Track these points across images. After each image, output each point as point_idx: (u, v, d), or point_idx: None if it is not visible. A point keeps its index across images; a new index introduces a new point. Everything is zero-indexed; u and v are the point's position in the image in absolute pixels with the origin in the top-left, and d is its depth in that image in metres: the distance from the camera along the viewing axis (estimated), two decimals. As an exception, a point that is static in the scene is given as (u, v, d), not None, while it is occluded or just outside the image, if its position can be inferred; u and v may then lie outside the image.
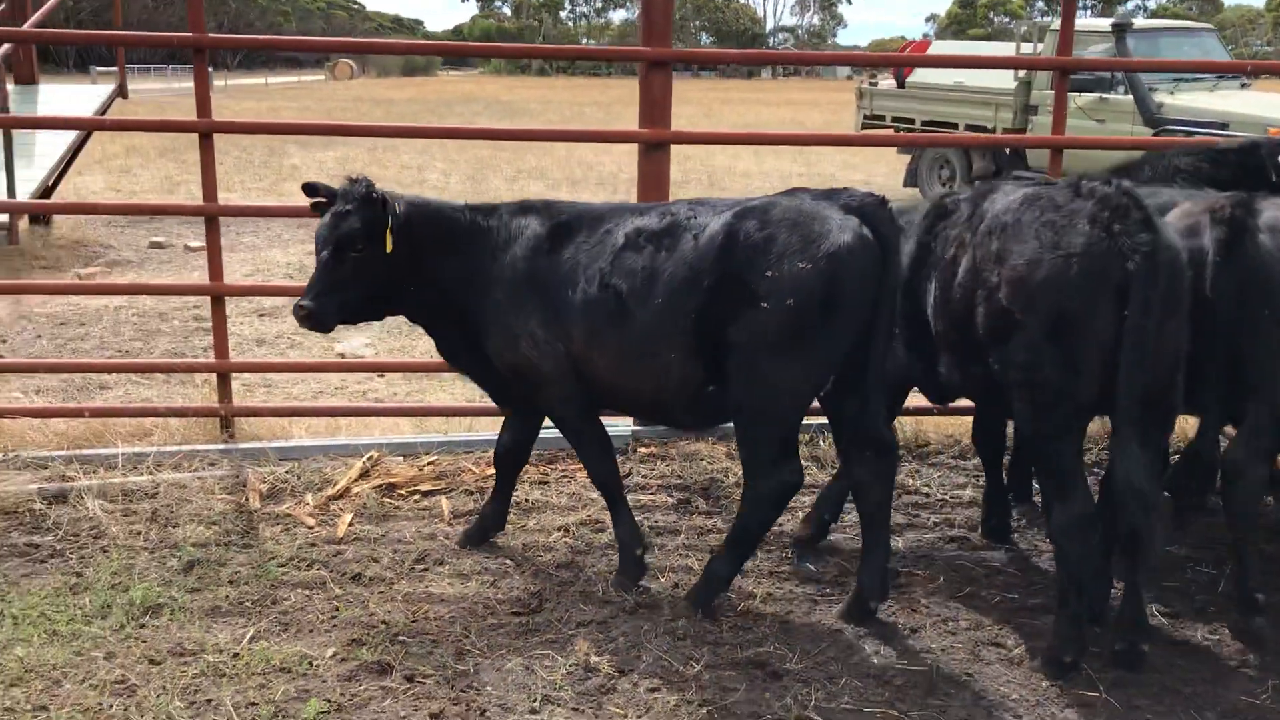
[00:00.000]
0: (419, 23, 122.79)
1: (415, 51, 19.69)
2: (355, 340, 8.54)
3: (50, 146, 10.72)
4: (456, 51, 45.85)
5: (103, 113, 11.59)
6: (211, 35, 5.35)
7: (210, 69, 5.51)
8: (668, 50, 5.53)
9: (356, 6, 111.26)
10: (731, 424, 4.16)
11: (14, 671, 3.69)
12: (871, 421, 3.97)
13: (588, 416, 4.39)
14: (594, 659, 3.84)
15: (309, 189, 4.36)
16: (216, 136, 5.55)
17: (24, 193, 9.50)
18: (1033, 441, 3.87)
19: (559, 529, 4.96)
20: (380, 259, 4.18)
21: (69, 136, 10.78)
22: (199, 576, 4.43)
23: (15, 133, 9.53)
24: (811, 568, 4.63)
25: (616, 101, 43.97)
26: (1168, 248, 3.49)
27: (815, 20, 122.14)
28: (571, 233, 4.21)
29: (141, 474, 5.40)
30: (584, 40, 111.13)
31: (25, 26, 10.41)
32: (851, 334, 3.83)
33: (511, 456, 4.78)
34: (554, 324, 4.15)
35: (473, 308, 4.32)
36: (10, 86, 10.05)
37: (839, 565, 4.66)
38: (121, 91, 12.07)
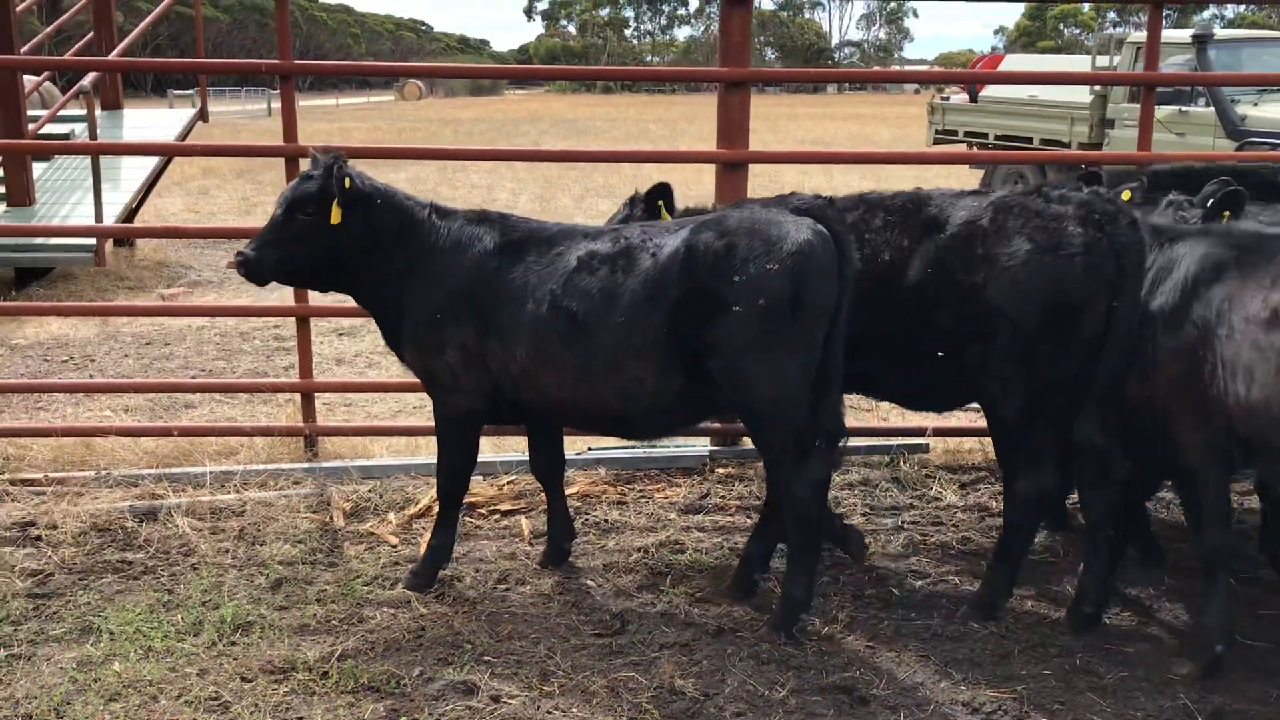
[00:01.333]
0: (485, 43, 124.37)
1: (497, 75, 19.91)
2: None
3: (135, 170, 11.02)
4: (536, 75, 46.46)
5: (184, 136, 11.88)
6: (297, 62, 5.47)
7: (278, 90, 5.63)
8: (746, 70, 5.54)
9: (424, 28, 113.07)
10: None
11: (113, 686, 3.78)
12: (831, 414, 4.11)
13: (475, 433, 4.54)
14: (678, 682, 3.83)
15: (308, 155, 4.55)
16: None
17: (110, 216, 9.76)
18: (1017, 423, 4.14)
19: (638, 550, 4.96)
20: (326, 228, 4.30)
21: (153, 160, 11.07)
22: (286, 594, 4.50)
23: (103, 158, 9.81)
24: None
25: (680, 118, 44.15)
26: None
27: (881, 34, 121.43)
28: (521, 251, 4.28)
29: (229, 492, 5.51)
30: (649, 58, 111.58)
31: (112, 55, 10.73)
32: (822, 328, 3.97)
33: (545, 467, 4.82)
34: (491, 339, 4.22)
35: (408, 299, 4.38)
36: (98, 112, 10.33)
37: (926, 590, 4.60)
38: (203, 115, 12.37)
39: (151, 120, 13.22)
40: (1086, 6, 79.64)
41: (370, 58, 79.38)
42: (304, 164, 5.08)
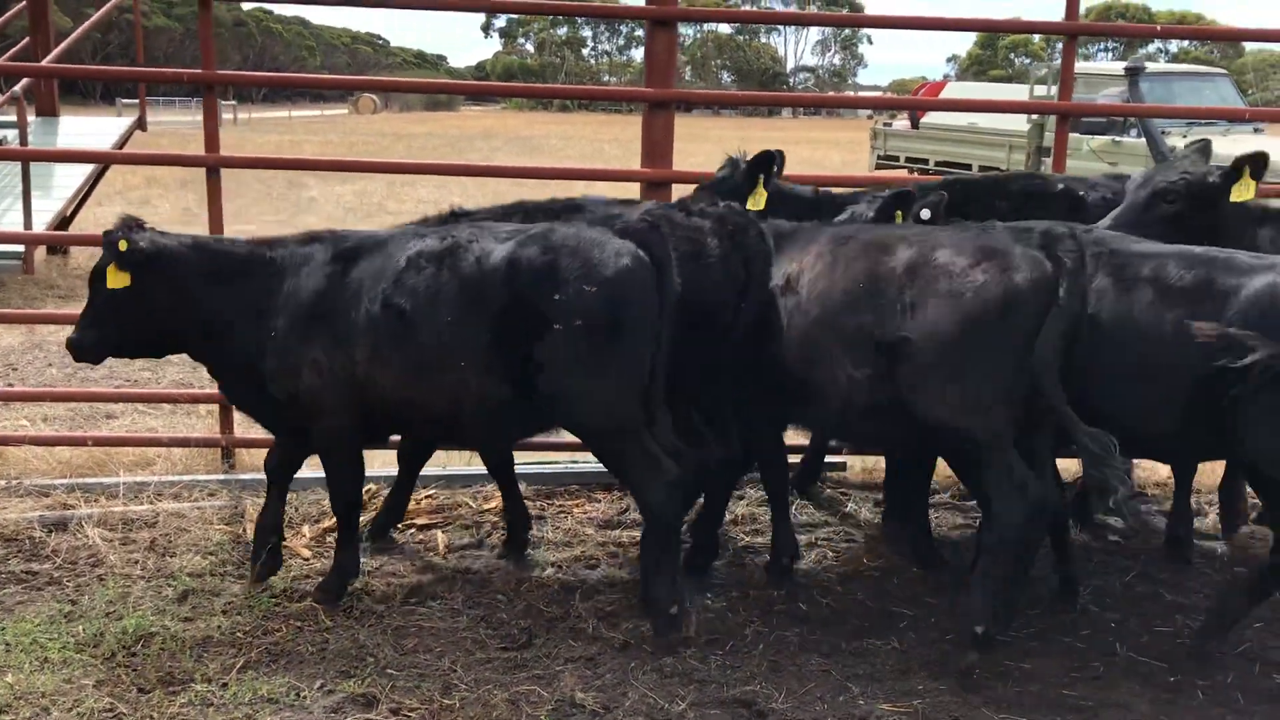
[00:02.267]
0: (442, 58, 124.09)
1: (432, 90, 19.91)
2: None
3: (68, 178, 10.90)
4: (467, 90, 46.16)
5: (121, 145, 11.77)
6: (220, 72, 5.46)
7: (235, 102, 5.62)
8: (669, 91, 5.61)
9: (381, 42, 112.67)
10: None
11: (3, 698, 3.72)
12: (662, 435, 4.18)
13: (354, 449, 4.48)
14: (579, 695, 3.85)
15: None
16: (238, 170, 5.66)
17: (40, 223, 9.64)
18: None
19: (552, 564, 4.97)
20: (129, 296, 4.27)
21: (88, 168, 10.96)
22: (193, 606, 4.46)
23: (34, 164, 9.69)
24: None
25: (636, 139, 44.19)
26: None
27: (836, 60, 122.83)
28: (356, 258, 4.29)
29: (142, 503, 5.45)
30: (606, 77, 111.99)
31: (46, 61, 10.63)
32: (646, 350, 4.04)
33: (284, 470, 4.78)
34: (337, 348, 4.21)
35: (249, 338, 4.32)
36: (31, 118, 10.21)
37: (832, 605, 4.64)
38: (141, 124, 12.25)
39: (87, 128, 13.08)
40: (1037, 37, 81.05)
41: (326, 71, 78.78)
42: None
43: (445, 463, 6.06)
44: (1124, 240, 4.28)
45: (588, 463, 6.00)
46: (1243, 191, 4.67)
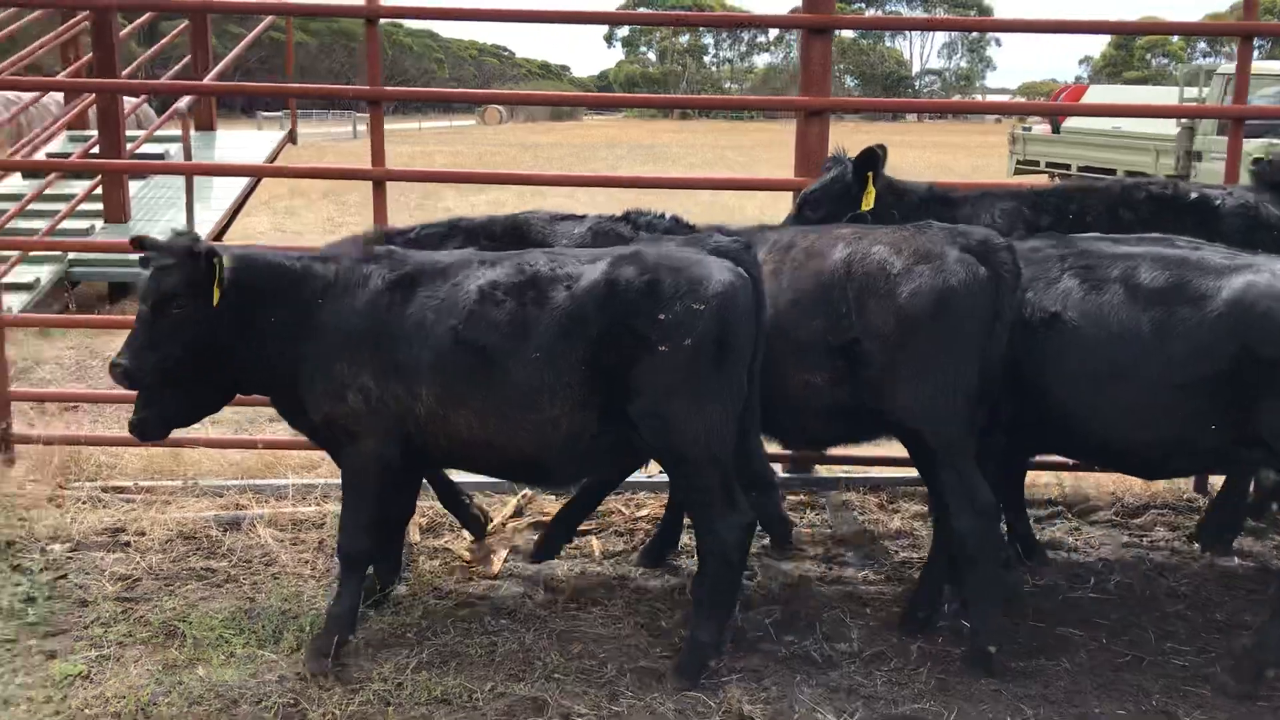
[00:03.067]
0: (565, 69, 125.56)
1: (592, 103, 20.17)
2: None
3: (226, 190, 11.36)
4: (634, 103, 46.50)
5: (274, 158, 12.23)
6: (387, 88, 5.63)
7: (368, 114, 5.80)
8: (825, 100, 5.57)
9: (506, 53, 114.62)
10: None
11: (196, 690, 3.89)
12: (752, 458, 4.08)
13: (384, 482, 4.17)
14: (746, 707, 3.84)
15: (136, 243, 4.24)
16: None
17: (201, 233, 10.05)
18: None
19: (709, 574, 4.98)
20: (205, 315, 4.02)
21: (243, 181, 11.40)
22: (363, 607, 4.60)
23: (195, 176, 10.14)
24: None
25: (757, 145, 44.10)
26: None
27: (963, 63, 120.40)
28: (414, 285, 4.05)
29: (309, 505, 5.65)
30: (728, 85, 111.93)
31: (208, 79, 11.11)
32: (744, 372, 3.90)
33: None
34: (392, 380, 3.97)
35: (297, 354, 4.09)
36: (192, 133, 10.67)
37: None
38: (291, 137, 12.72)
39: (242, 142, 13.62)
40: (1175, 37, 78.18)
41: (453, 83, 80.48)
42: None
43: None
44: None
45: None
46: None
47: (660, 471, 5.95)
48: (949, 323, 3.98)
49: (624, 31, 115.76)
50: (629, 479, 5.83)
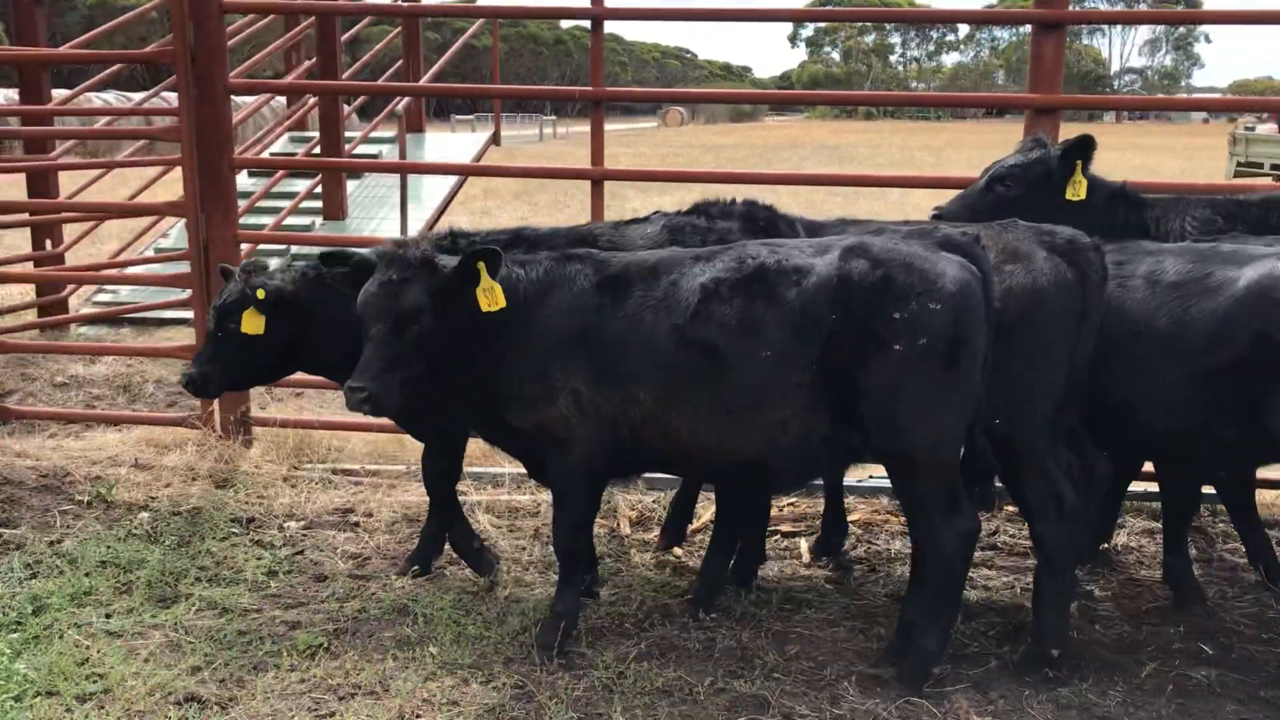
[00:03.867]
0: (747, 70, 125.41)
1: (768, 100, 20.11)
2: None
3: (435, 189, 11.79)
4: (826, 100, 46.17)
5: (479, 158, 12.63)
6: (609, 89, 5.74)
7: (554, 117, 5.90)
8: (1057, 97, 5.40)
9: (689, 55, 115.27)
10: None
11: (429, 667, 4.06)
12: (981, 458, 3.96)
13: (595, 488, 4.17)
14: (974, 718, 3.75)
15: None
16: (562, 180, 5.98)
17: (413, 229, 10.48)
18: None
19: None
20: (445, 329, 3.91)
21: (451, 180, 11.81)
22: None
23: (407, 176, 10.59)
24: None
25: (947, 145, 43.05)
26: None
27: (1168, 61, 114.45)
28: (626, 285, 3.95)
29: (525, 493, 5.81)
30: (914, 84, 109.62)
31: (424, 81, 11.58)
32: (978, 372, 3.74)
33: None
34: (608, 384, 3.90)
35: (496, 360, 4.01)
36: (405, 135, 11.14)
37: (1241, 649, 4.30)
38: (495, 139, 13.13)
39: (450, 143, 14.13)
40: None
41: (636, 84, 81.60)
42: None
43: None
44: None
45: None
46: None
47: (870, 476, 5.94)
48: (1037, 324, 3.89)
49: (808, 31, 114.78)
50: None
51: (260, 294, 4.50)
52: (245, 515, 5.49)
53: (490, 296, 3.90)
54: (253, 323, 4.52)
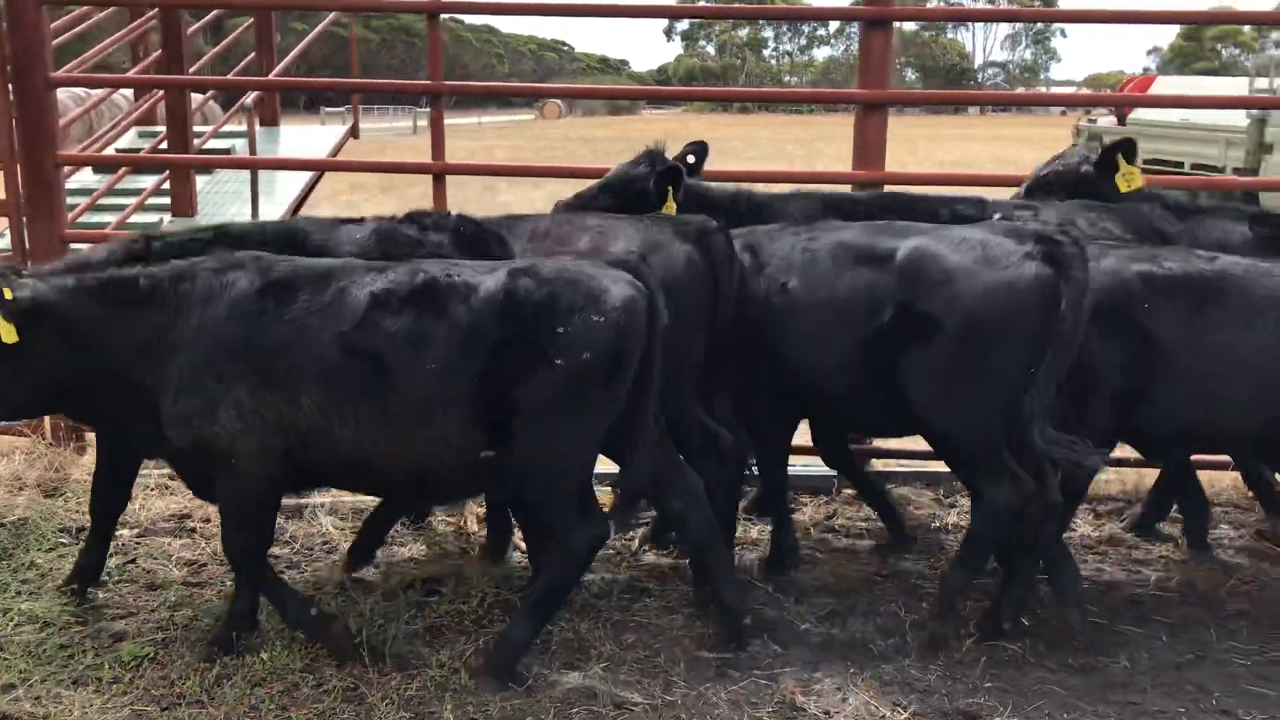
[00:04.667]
0: (625, 63, 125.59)
1: (637, 96, 20.20)
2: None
3: (290, 184, 11.52)
4: (677, 95, 46.47)
5: (336, 152, 12.38)
6: (448, 83, 5.70)
7: (429, 109, 5.89)
8: (884, 92, 5.55)
9: (566, 48, 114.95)
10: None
11: (259, 672, 3.98)
12: (634, 476, 4.06)
13: (267, 503, 4.07)
14: (800, 699, 3.86)
15: None
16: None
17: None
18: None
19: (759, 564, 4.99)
20: (13, 350, 3.83)
21: (307, 175, 11.56)
22: (425, 596, 4.67)
23: (260, 171, 10.33)
24: None
25: (818, 139, 43.80)
26: None
27: (1027, 55, 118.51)
28: (291, 291, 3.86)
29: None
30: (787, 78, 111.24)
31: (273, 74, 11.29)
32: (628, 382, 3.85)
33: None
34: (269, 391, 3.79)
35: (152, 375, 3.89)
36: (256, 128, 10.85)
37: (1054, 622, 4.50)
38: (354, 132, 12.89)
39: (306, 137, 13.81)
40: (1247, 28, 76.25)
41: (514, 77, 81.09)
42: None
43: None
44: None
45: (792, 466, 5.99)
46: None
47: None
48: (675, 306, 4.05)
49: (684, 25, 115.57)
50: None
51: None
52: (75, 525, 5.30)
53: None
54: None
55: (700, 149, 5.12)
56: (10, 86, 5.67)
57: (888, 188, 5.60)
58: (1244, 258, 4.28)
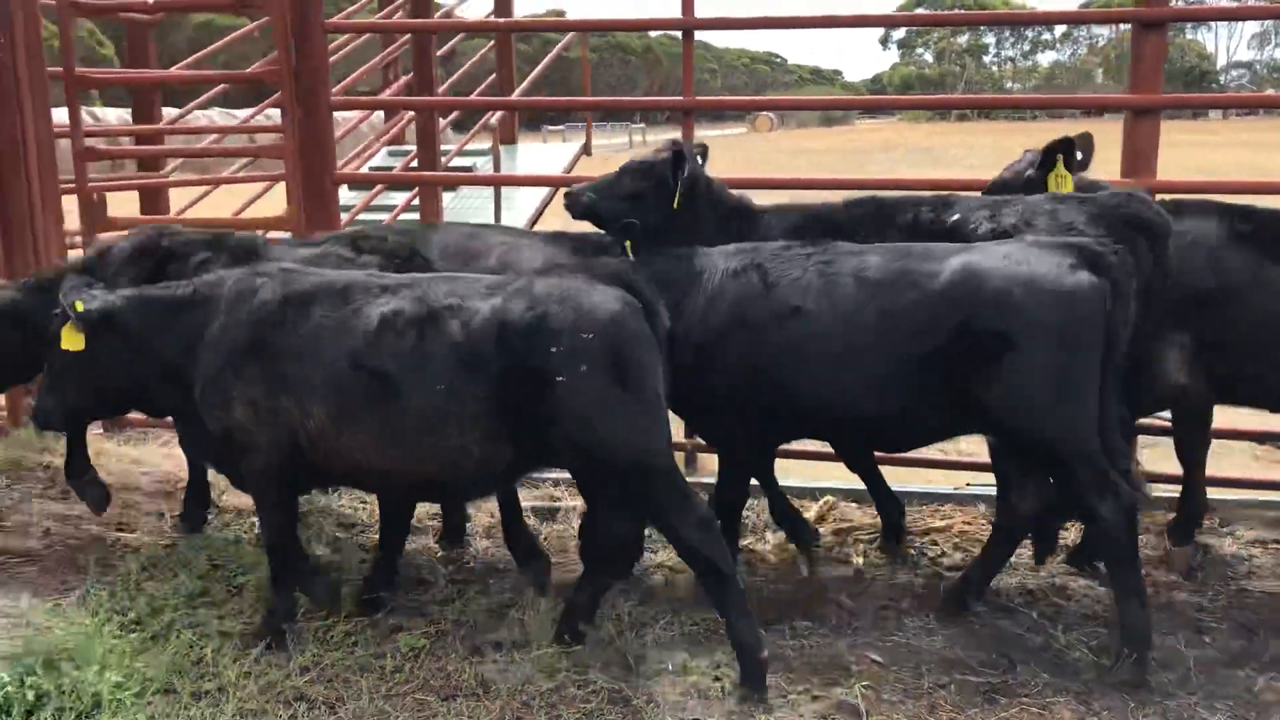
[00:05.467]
0: (838, 73, 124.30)
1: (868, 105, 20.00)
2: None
3: (528, 199, 11.96)
4: (894, 105, 45.66)
5: (571, 169, 12.76)
6: (701, 98, 5.78)
7: (644, 125, 5.96)
8: (1158, 97, 5.28)
9: (778, 60, 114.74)
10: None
11: (528, 670, 4.14)
12: None
13: (285, 492, 4.32)
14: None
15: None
16: None
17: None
18: None
19: (1022, 591, 4.82)
20: (87, 358, 4.30)
21: (544, 191, 11.97)
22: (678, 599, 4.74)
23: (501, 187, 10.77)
24: None
25: (1043, 145, 42.15)
26: None
27: (1278, 54, 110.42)
28: (308, 304, 4.13)
29: (574, 497, 5.85)
30: (1009, 85, 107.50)
31: (515, 95, 11.76)
32: (653, 388, 3.95)
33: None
34: (283, 395, 4.07)
35: (191, 372, 4.27)
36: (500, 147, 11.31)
37: None
38: (587, 149, 13.25)
39: (542, 154, 14.29)
40: None
41: (725, 91, 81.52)
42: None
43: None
44: None
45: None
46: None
47: (968, 485, 5.87)
48: None
49: (900, 33, 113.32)
50: (934, 490, 5.77)
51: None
52: (349, 520, 5.64)
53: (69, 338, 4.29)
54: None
55: (703, 151, 5.20)
56: (295, 108, 6.09)
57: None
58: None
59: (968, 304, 3.98)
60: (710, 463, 6.30)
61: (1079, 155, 4.85)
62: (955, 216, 4.64)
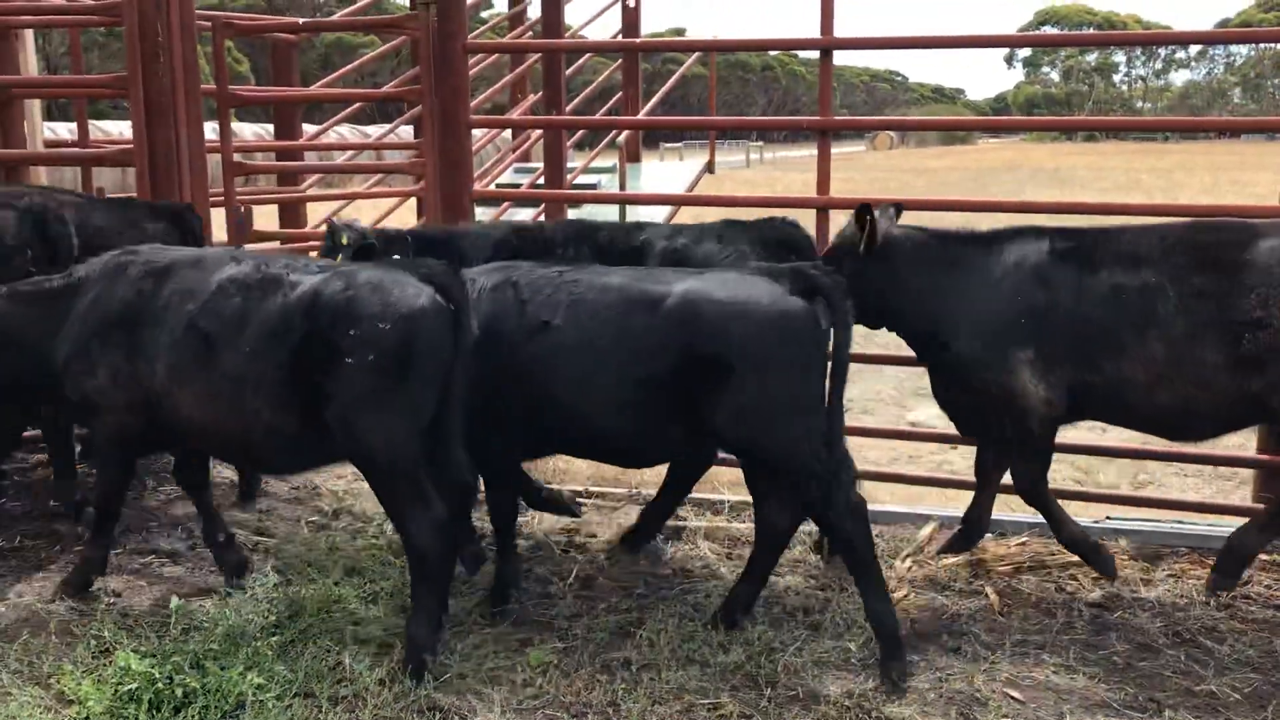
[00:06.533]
0: (960, 92, 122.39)
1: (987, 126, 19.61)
2: (930, 410, 8.61)
3: (650, 216, 12.02)
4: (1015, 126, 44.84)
5: (694, 186, 12.81)
6: (838, 118, 5.74)
7: (761, 143, 5.96)
8: (1322, 120, 5.04)
9: (899, 78, 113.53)
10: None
11: (660, 691, 4.12)
12: (454, 469, 4.26)
13: (128, 453, 4.79)
14: None
15: None
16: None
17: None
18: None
19: (1167, 632, 4.64)
20: None
21: (667, 209, 12.03)
22: (808, 624, 4.68)
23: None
24: None
25: (1177, 168, 40.85)
26: None
27: None
28: (167, 276, 4.50)
29: (744, 522, 5.83)
30: (1139, 104, 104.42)
31: (642, 114, 11.85)
32: (434, 390, 4.16)
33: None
34: (138, 358, 4.45)
35: (62, 349, 4.63)
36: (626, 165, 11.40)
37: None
38: (710, 168, 13.28)
39: (666, 172, 14.35)
40: None
41: (845, 109, 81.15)
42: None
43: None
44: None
45: (1193, 523, 5.57)
46: None
47: (1108, 517, 5.67)
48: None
49: (1025, 52, 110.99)
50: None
51: None
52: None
53: None
54: None
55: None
56: (435, 126, 6.22)
57: None
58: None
59: (690, 329, 4.17)
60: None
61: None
62: (643, 236, 5.37)
